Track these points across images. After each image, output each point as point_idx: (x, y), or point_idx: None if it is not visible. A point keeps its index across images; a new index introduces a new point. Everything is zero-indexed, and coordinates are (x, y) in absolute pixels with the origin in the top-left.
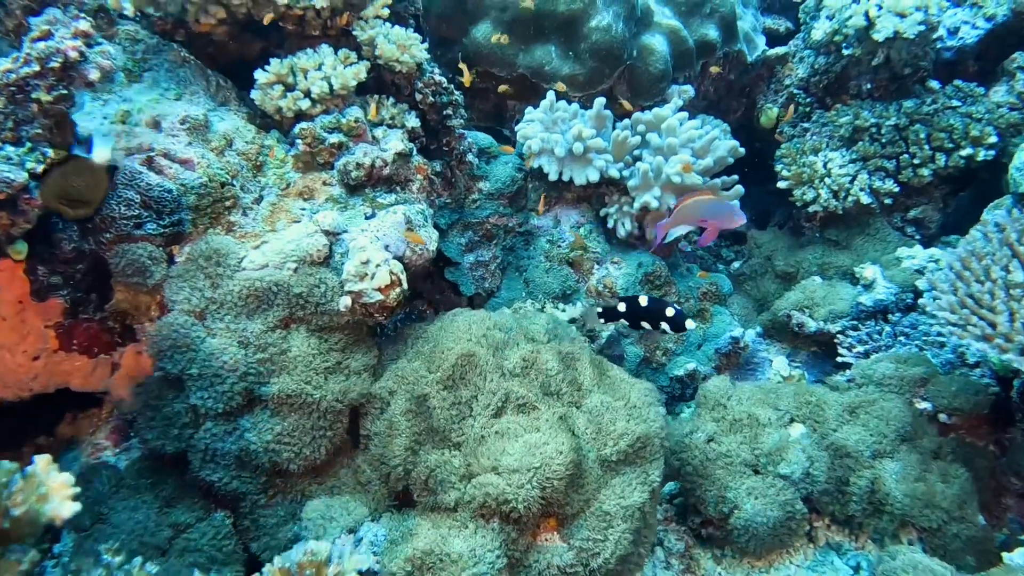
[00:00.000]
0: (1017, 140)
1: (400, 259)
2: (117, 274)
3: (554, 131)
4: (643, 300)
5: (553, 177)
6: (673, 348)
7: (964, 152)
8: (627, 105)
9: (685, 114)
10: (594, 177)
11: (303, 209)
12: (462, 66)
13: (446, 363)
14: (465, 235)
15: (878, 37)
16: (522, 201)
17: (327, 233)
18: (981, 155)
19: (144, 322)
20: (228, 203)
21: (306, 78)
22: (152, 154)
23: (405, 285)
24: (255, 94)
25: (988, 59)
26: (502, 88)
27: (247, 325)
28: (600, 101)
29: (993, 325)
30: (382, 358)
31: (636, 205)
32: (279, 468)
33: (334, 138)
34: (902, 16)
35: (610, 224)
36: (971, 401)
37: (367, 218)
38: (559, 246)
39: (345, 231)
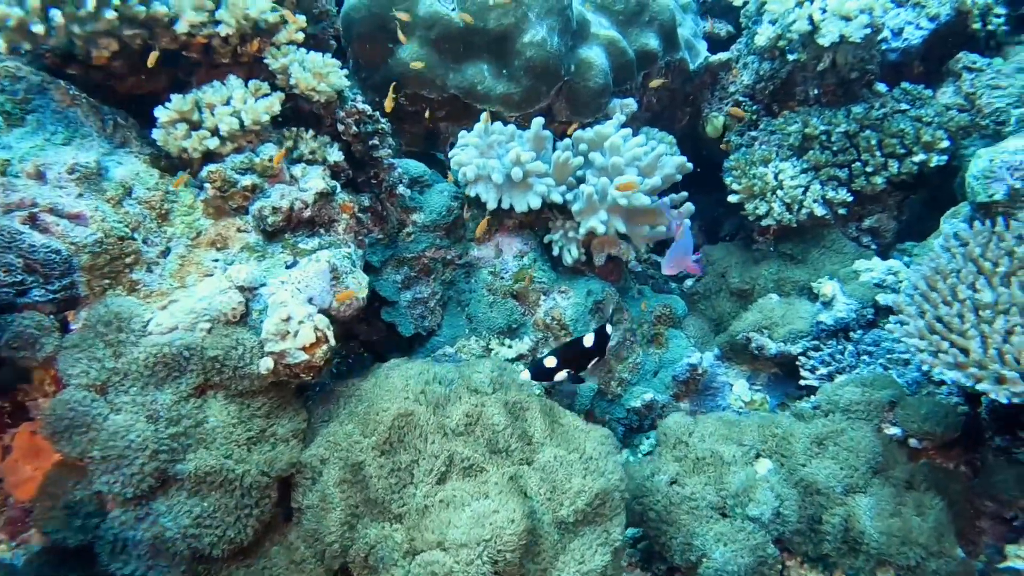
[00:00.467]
0: (967, 143)
1: (326, 311)
2: (2, 348)
3: (490, 156)
4: (587, 340)
5: (492, 206)
6: (628, 378)
7: (917, 158)
8: (568, 125)
9: (629, 131)
10: (536, 203)
11: (216, 261)
12: (391, 95)
13: (382, 425)
14: (401, 271)
15: (823, 41)
16: (460, 231)
17: (243, 289)
18: (934, 160)
19: (38, 399)
20: (129, 260)
21: (213, 114)
22: (36, 210)
23: (332, 341)
24: (156, 134)
25: (932, 59)
26: (428, 116)
27: (156, 396)
28: (538, 121)
29: (965, 351)
30: (312, 420)
31: (582, 230)
32: (201, 554)
33: (247, 180)
34: (847, 19)
35: (555, 251)
36: (942, 424)
37: (288, 267)
38: (502, 278)
39: (263, 284)
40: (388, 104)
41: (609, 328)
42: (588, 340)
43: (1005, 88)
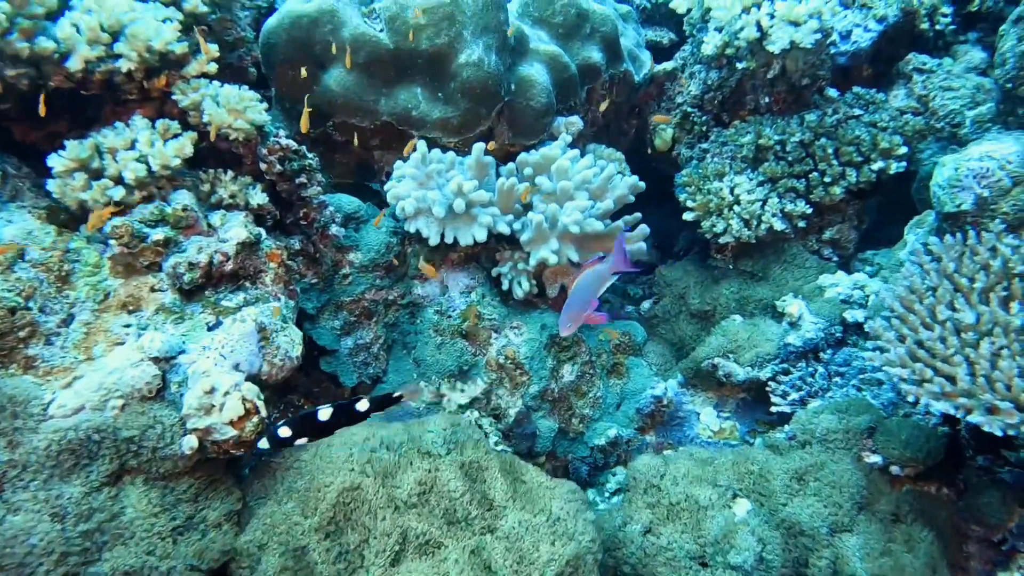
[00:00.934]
0: (923, 146)
1: (256, 377)
2: None
3: (430, 187)
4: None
5: (434, 241)
6: (590, 414)
7: (875, 166)
8: (512, 148)
9: (576, 152)
10: (481, 236)
11: (128, 326)
12: (306, 113)
13: (325, 503)
14: (339, 317)
15: (773, 48)
16: (402, 268)
17: (158, 360)
18: (893, 168)
19: None
20: (23, 333)
21: (116, 160)
22: None
23: (264, 411)
24: (52, 185)
25: (881, 61)
26: (358, 145)
27: (63, 490)
28: (479, 147)
29: (952, 379)
30: (248, 499)
31: (532, 261)
32: None
33: (158, 233)
34: (796, 24)
35: (505, 285)
36: (923, 449)
37: (210, 329)
38: (449, 316)
39: (183, 351)
40: (303, 124)
41: (364, 403)
42: (324, 414)
43: (957, 89)
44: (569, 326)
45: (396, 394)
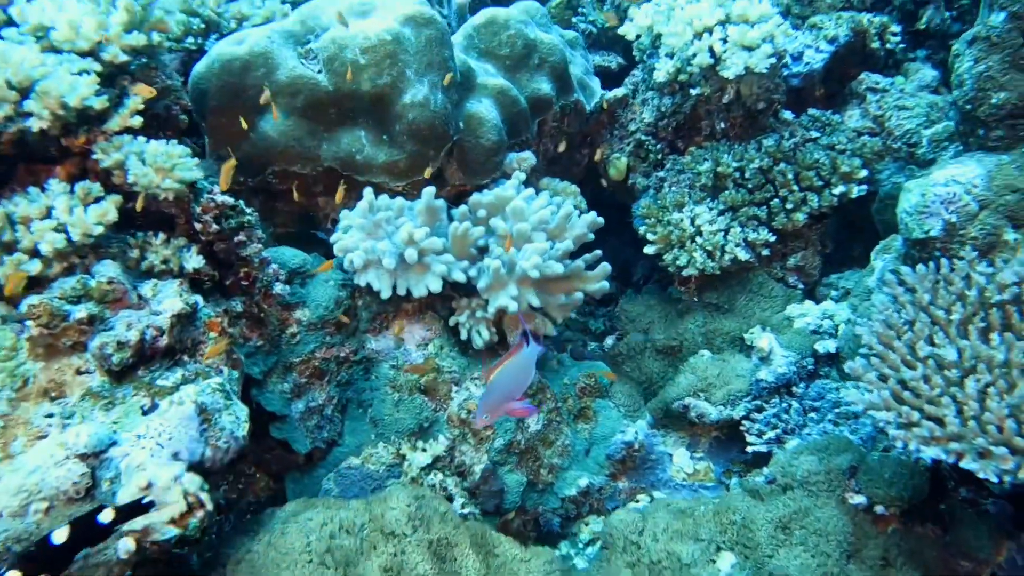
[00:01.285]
0: (880, 167)
1: (199, 465)
2: None
3: (379, 236)
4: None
5: (386, 295)
6: (559, 463)
7: (837, 190)
8: (463, 189)
9: (531, 191)
10: (436, 286)
11: (50, 416)
12: (228, 170)
13: None
14: (288, 379)
15: (727, 74)
16: (353, 323)
17: (86, 456)
18: (855, 191)
19: None
20: None
21: (31, 230)
22: None
23: (210, 505)
24: None
25: (834, 81)
26: (298, 197)
27: None
28: (429, 191)
29: (940, 421)
30: None
31: (491, 309)
32: None
33: (82, 311)
34: (750, 49)
35: (463, 335)
36: (908, 486)
37: (145, 413)
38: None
39: (114, 442)
40: (223, 182)
41: (108, 514)
42: (60, 535)
43: (912, 108)
44: (484, 418)
45: (146, 500)
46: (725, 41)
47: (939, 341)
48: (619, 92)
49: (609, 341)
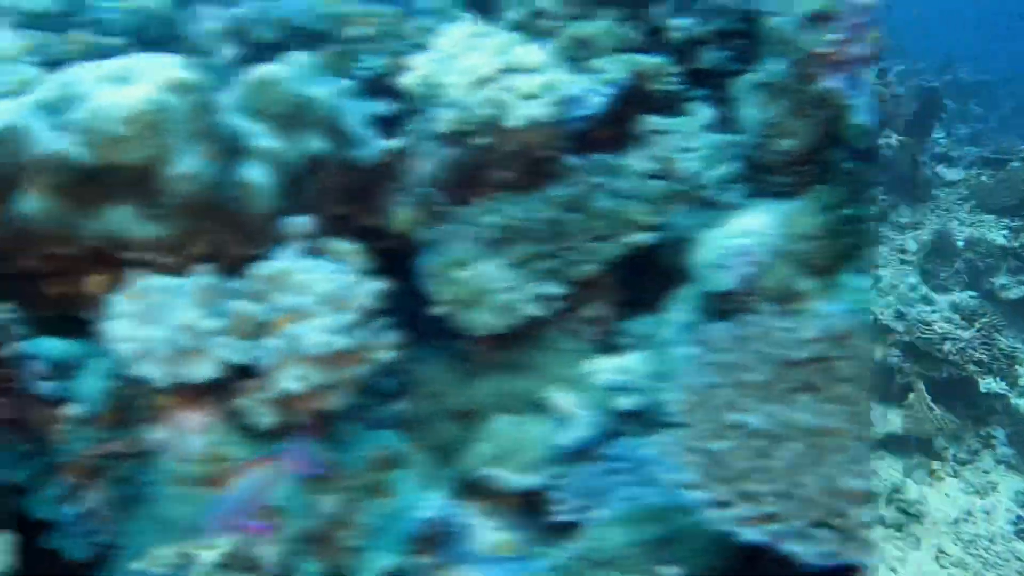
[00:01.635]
0: (669, 210)
1: None
2: None
3: (151, 322)
4: None
5: (163, 383)
6: (358, 545)
7: (627, 239)
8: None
9: (311, 261)
10: (215, 371)
11: None
12: None
13: None
14: (59, 482)
15: (511, 124)
16: (128, 414)
17: None
18: (645, 238)
19: None
20: None
21: None
22: None
23: None
24: None
25: (617, 123)
26: (60, 288)
27: None
28: (202, 269)
29: (757, 500)
30: None
31: (276, 391)
32: None
33: None
34: (532, 97)
35: (249, 419)
36: (721, 555)
37: None
38: (188, 462)
39: None
40: None
41: None
42: None
43: (697, 150)
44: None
45: None
46: (508, 91)
47: (744, 407)
48: (399, 143)
49: (400, 406)
